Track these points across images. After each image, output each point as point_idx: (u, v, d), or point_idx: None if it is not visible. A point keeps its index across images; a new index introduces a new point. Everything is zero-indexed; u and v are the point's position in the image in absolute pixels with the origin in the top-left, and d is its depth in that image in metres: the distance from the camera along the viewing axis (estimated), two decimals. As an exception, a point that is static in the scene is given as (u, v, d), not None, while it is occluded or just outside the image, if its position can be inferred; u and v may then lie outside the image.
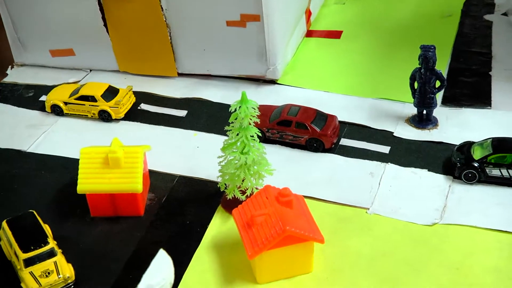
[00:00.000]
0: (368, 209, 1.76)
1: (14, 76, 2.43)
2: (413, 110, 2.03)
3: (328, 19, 2.64)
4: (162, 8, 2.15)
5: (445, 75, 2.23)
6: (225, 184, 1.76)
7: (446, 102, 2.12)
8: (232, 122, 1.68)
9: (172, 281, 1.32)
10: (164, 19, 2.16)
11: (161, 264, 1.31)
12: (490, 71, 2.23)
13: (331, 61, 2.39)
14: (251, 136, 1.67)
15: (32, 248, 1.60)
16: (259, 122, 1.83)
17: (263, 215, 1.56)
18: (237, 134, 1.68)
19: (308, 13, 2.49)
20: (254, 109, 1.66)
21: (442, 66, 2.26)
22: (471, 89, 2.17)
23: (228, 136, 1.71)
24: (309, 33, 2.54)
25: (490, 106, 2.08)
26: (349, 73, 2.31)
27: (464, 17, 2.56)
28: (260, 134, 1.71)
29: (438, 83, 1.97)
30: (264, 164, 1.73)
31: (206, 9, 2.15)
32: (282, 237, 1.49)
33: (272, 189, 1.62)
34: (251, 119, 1.65)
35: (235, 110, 1.64)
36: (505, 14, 2.50)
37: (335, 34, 2.52)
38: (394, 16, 2.63)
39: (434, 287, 1.53)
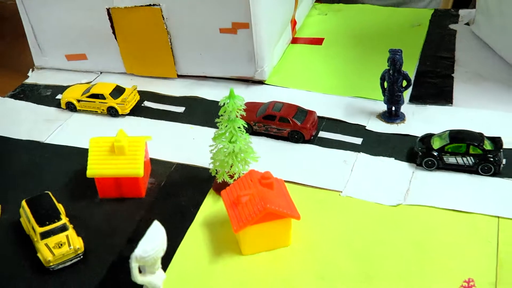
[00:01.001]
0: (341, 192, 1.76)
1: (34, 77, 2.43)
2: (384, 107, 2.03)
3: (311, 28, 2.63)
4: (163, 17, 2.15)
5: (413, 77, 2.22)
6: (216, 170, 1.76)
7: (413, 100, 2.11)
8: (221, 115, 1.68)
9: (165, 247, 1.33)
10: (165, 27, 2.17)
11: (155, 233, 1.32)
12: (452, 73, 2.24)
13: (313, 64, 2.38)
14: (238, 127, 1.68)
15: (47, 223, 1.62)
16: (245, 115, 1.85)
17: (247, 195, 1.57)
18: (226, 126, 1.68)
19: (294, 22, 2.49)
20: (241, 103, 1.67)
21: (411, 69, 2.26)
22: (435, 89, 2.16)
23: (218, 127, 1.72)
24: (294, 40, 2.53)
25: (452, 103, 2.07)
26: (329, 75, 2.30)
27: (431, 26, 2.55)
28: (246, 126, 1.71)
29: (405, 83, 1.97)
30: (250, 152, 1.74)
31: (202, 18, 2.14)
32: (263, 214, 1.52)
33: (256, 173, 1.63)
34: (238, 112, 1.66)
35: (224, 104, 1.65)
36: (467, 24, 2.50)
37: (318, 41, 2.52)
38: (370, 25, 2.62)
39: (398, 259, 1.53)
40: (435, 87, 2.20)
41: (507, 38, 2.24)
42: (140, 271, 1.37)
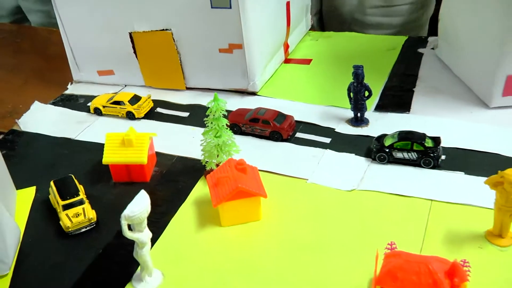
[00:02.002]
0: (308, 179, 1.84)
1: (72, 89, 2.53)
2: (351, 114, 2.10)
3: (303, 51, 2.70)
4: (174, 39, 2.23)
5: (380, 90, 2.30)
6: (206, 160, 1.86)
7: (377, 109, 2.17)
8: (208, 115, 1.79)
9: (149, 210, 1.38)
10: (176, 48, 2.24)
11: (141, 198, 1.38)
12: (414, 88, 2.29)
13: (299, 80, 2.45)
14: (222, 125, 1.79)
15: (68, 198, 1.74)
16: (236, 119, 1.98)
17: (225, 177, 1.68)
18: (212, 123, 1.79)
19: (286, 46, 2.56)
20: (223, 105, 1.77)
21: (380, 84, 2.34)
22: (397, 100, 2.21)
23: (207, 125, 1.82)
24: (287, 61, 2.60)
25: (409, 111, 2.13)
26: (310, 88, 2.36)
27: (403, 50, 2.59)
28: (229, 124, 1.81)
29: (367, 93, 2.04)
30: (232, 145, 1.84)
31: (204, 40, 2.20)
32: (236, 192, 1.62)
33: (233, 160, 1.73)
34: (221, 112, 1.77)
35: (210, 106, 1.77)
36: (432, 48, 2.54)
37: (306, 61, 2.58)
38: (352, 49, 2.67)
39: (348, 232, 1.60)
40: (397, 98, 2.26)
41: (462, 60, 2.30)
42: (130, 229, 1.40)
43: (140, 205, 1.39)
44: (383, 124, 2.10)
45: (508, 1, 1.88)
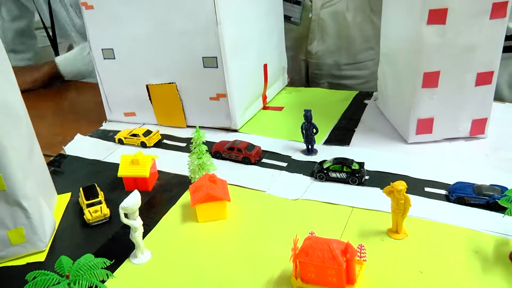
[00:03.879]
0: (265, 191, 1.96)
1: (105, 126, 2.66)
2: (304, 146, 2.22)
3: (278, 101, 2.83)
4: (177, 90, 2.38)
5: (330, 129, 2.41)
6: (191, 176, 1.99)
7: (326, 143, 2.28)
8: (192, 142, 1.94)
9: (139, 203, 1.48)
10: (179, 96, 2.38)
11: (134, 195, 1.51)
12: (355, 128, 2.41)
13: (271, 121, 2.56)
14: (202, 150, 1.93)
15: (90, 199, 1.88)
16: (218, 147, 2.13)
17: (200, 186, 1.81)
18: (195, 148, 1.93)
19: (264, 97, 2.69)
20: (202, 135, 1.91)
21: (331, 125, 2.46)
22: (342, 137, 2.32)
23: (191, 151, 1.94)
24: (265, 108, 2.73)
25: (349, 145, 2.25)
26: (278, 127, 2.47)
27: (353, 101, 2.72)
28: (207, 149, 1.94)
29: (315, 130, 2.16)
30: (210, 165, 1.97)
31: (199, 91, 2.33)
32: (207, 196, 1.75)
33: (208, 175, 1.86)
34: (201, 140, 1.92)
35: (193, 135, 1.92)
36: (375, 100, 2.67)
37: (279, 108, 2.72)
38: (315, 100, 2.81)
39: (289, 228, 1.67)
40: (342, 135, 2.39)
41: (390, 108, 2.42)
42: (126, 217, 1.52)
43: (132, 200, 1.52)
44: (328, 154, 2.20)
45: (414, 68, 2.03)
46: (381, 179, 2.02)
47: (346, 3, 3.22)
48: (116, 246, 1.69)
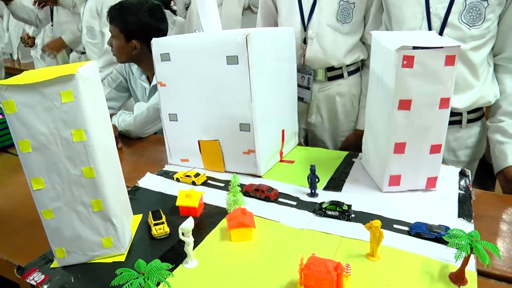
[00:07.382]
0: (280, 221, 1.97)
1: (167, 168, 2.68)
2: (309, 190, 2.23)
3: (290, 156, 2.81)
4: (220, 146, 2.43)
5: (328, 179, 2.39)
6: (228, 208, 2.03)
7: (324, 189, 2.28)
8: (230, 184, 2.01)
9: (192, 226, 1.53)
10: (220, 149, 2.42)
11: (189, 221, 1.58)
12: (346, 179, 2.42)
13: (286, 171, 2.54)
14: (237, 190, 2.00)
15: (156, 219, 1.93)
16: (248, 188, 2.19)
17: (235, 216, 1.86)
18: (232, 188, 2.00)
19: (281, 153, 2.72)
20: (238, 180, 1.98)
21: (328, 176, 2.44)
22: (336, 185, 2.32)
23: (229, 190, 1.99)
24: (281, 161, 2.73)
25: (341, 191, 2.25)
26: (290, 175, 2.43)
27: (344, 159, 2.70)
28: (241, 190, 2.01)
29: (317, 180, 2.19)
30: (242, 201, 2.03)
31: (235, 146, 2.36)
32: (239, 223, 1.79)
33: (240, 208, 1.91)
34: (237, 183, 1.98)
35: (231, 179, 1.99)
36: (360, 158, 2.64)
37: (291, 162, 2.72)
38: (317, 157, 2.78)
39: (298, 250, 1.65)
40: (336, 184, 2.41)
41: (370, 165, 2.44)
42: (183, 235, 1.56)
43: (188, 223, 1.55)
44: (326, 197, 2.22)
45: (388, 139, 2.11)
46: (364, 217, 2.07)
47: (336, 89, 3.35)
48: (174, 255, 1.70)
